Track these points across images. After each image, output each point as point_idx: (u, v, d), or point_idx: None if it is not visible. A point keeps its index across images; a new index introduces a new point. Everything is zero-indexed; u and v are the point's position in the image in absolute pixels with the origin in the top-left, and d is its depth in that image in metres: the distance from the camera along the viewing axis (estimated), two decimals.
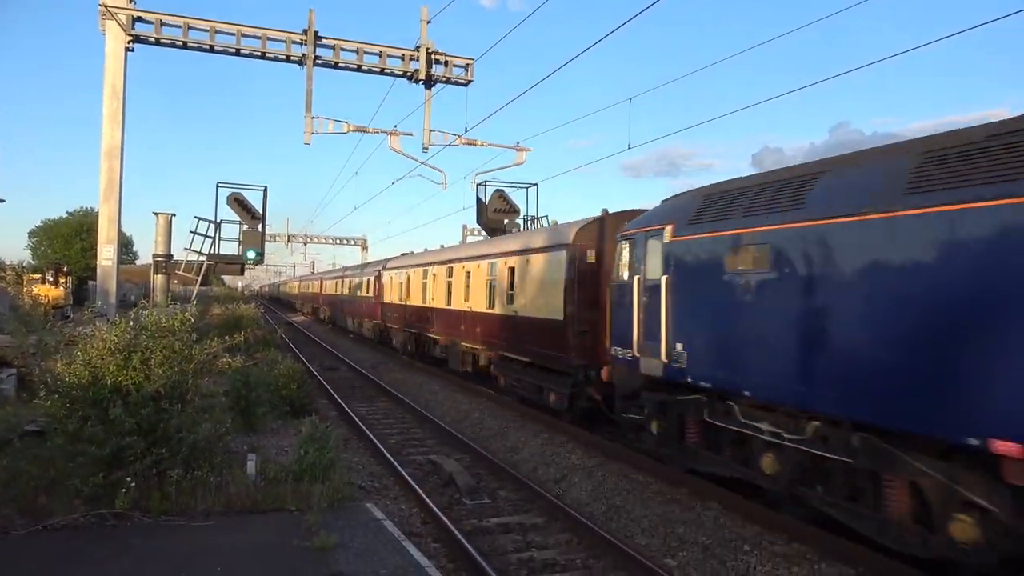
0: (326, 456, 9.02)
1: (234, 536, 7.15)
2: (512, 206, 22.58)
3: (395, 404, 17.86)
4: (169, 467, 7.76)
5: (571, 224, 15.07)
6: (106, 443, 7.40)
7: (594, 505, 9.64)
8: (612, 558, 7.62)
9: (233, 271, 23.70)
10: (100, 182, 17.74)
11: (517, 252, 16.80)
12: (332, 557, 6.67)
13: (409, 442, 13.52)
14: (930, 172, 6.54)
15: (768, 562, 7.50)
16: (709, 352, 9.21)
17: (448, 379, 21.13)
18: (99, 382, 7.91)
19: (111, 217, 17.75)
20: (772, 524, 8.42)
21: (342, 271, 48.27)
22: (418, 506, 9.27)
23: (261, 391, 13.14)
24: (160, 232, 19.05)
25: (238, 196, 19.81)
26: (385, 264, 32.51)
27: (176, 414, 7.97)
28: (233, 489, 8.12)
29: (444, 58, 20.79)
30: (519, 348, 16.17)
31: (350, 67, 20.14)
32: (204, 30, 18.59)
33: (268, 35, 19.02)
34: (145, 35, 18.18)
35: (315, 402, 16.09)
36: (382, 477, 10.75)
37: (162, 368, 8.25)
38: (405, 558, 6.79)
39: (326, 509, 7.94)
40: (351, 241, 69.51)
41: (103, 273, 17.84)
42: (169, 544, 6.82)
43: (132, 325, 8.67)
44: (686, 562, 7.68)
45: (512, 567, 7.44)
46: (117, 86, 17.71)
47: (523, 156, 23.34)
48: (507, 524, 8.81)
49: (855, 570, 7.18)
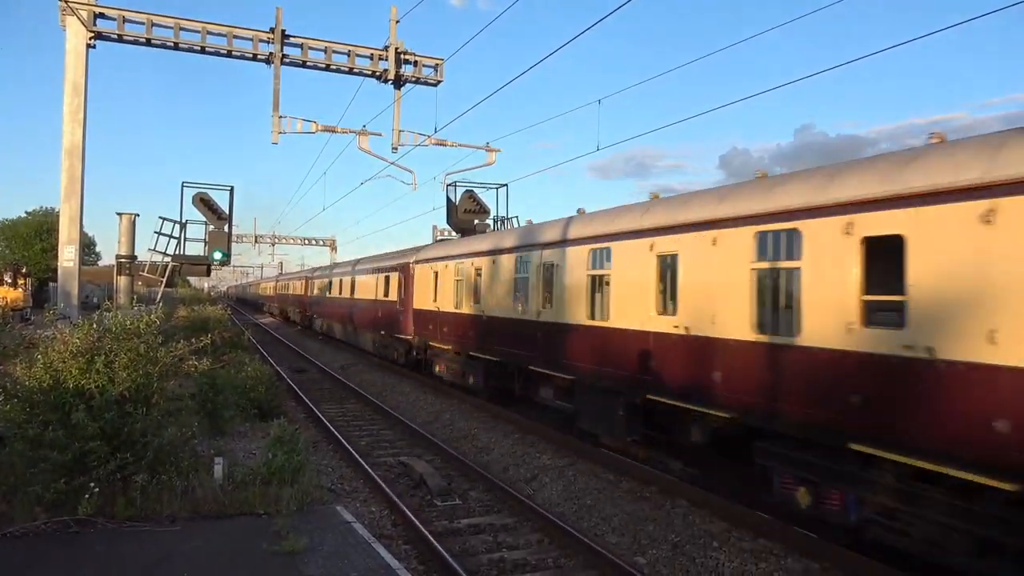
0: (295, 459, 8.94)
1: (201, 541, 7.05)
2: (482, 207, 22.55)
3: (365, 406, 17.74)
4: (134, 472, 7.63)
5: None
6: (68, 448, 7.26)
7: (565, 505, 9.69)
8: (583, 557, 7.67)
9: (199, 272, 23.35)
10: (61, 181, 17.39)
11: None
12: (301, 561, 6.62)
13: (379, 444, 13.45)
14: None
15: (736, 558, 7.61)
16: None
17: (419, 380, 21.04)
18: (61, 386, 7.74)
19: (72, 217, 17.40)
20: (739, 520, 8.55)
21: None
22: (388, 508, 9.23)
23: (228, 394, 12.96)
24: (123, 232, 18.71)
25: (204, 196, 19.53)
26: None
27: (141, 418, 7.83)
28: (200, 493, 8.01)
29: (413, 58, 20.74)
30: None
31: (318, 66, 20.00)
32: (168, 27, 18.32)
33: (234, 33, 18.80)
34: (107, 31, 17.87)
35: (284, 404, 15.93)
36: (352, 479, 10.68)
37: (126, 371, 8.10)
38: (376, 560, 6.76)
39: (295, 512, 7.88)
40: (320, 242, 68.88)
41: (64, 274, 17.47)
42: (134, 550, 6.70)
43: (95, 327, 8.51)
44: (656, 559, 7.76)
45: (483, 568, 7.44)
46: (78, 83, 17.36)
47: (493, 157, 23.35)
48: (478, 525, 8.82)
49: (819, 564, 7.32)
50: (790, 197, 7.95)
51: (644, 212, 10.78)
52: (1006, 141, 6.07)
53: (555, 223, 13.75)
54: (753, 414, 8.27)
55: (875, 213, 6.87)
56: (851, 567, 7.11)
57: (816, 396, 7.42)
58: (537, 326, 13.50)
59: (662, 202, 10.95)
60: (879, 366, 6.71)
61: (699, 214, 9.38)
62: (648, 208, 10.85)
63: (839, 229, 7.19)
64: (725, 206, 8.98)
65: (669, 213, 10.14)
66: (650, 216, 10.51)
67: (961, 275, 6.09)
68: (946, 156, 6.54)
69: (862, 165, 7.58)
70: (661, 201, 11.05)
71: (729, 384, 8.58)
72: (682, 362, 9.51)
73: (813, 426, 7.46)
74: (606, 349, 11.24)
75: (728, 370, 8.63)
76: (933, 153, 6.75)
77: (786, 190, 8.14)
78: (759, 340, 8.20)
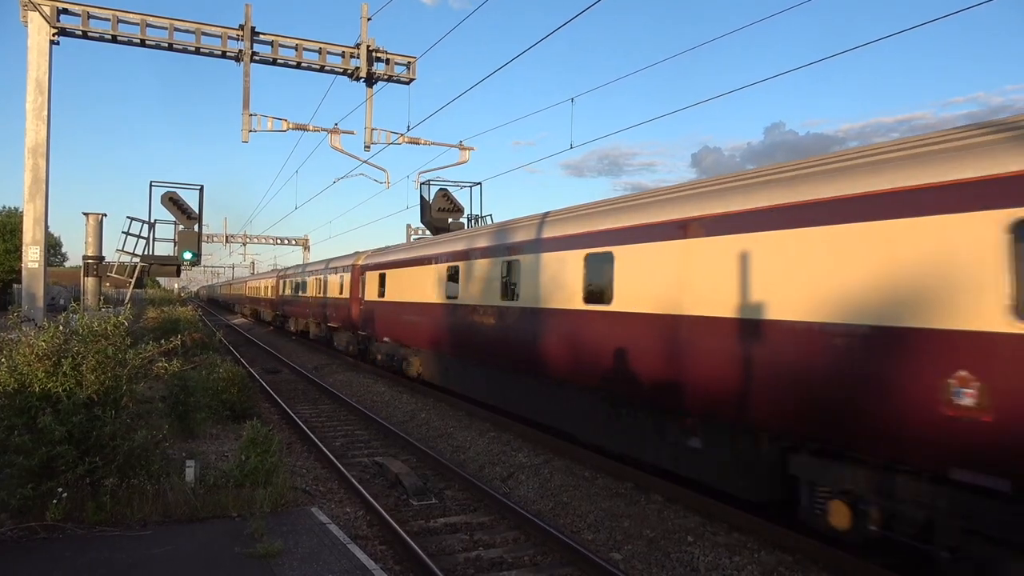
0: (269, 460, 8.85)
1: (173, 545, 6.95)
2: (456, 205, 22.50)
3: (339, 406, 17.62)
4: (103, 476, 7.51)
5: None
6: (35, 453, 7.11)
7: (541, 502, 9.72)
8: (559, 554, 7.70)
9: (168, 272, 23.00)
10: (24, 180, 16.99)
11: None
12: (276, 563, 6.56)
13: (354, 444, 13.37)
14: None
15: (711, 552, 7.69)
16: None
17: (394, 380, 20.95)
18: (26, 389, 7.58)
19: (37, 217, 17.02)
20: (713, 514, 8.65)
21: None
22: (364, 508, 9.18)
23: (200, 396, 12.79)
24: (91, 233, 18.36)
25: (173, 195, 19.21)
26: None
27: (110, 421, 7.69)
28: (171, 497, 7.90)
29: (385, 56, 20.61)
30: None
31: (289, 64, 19.79)
32: (134, 23, 18.00)
33: (202, 30, 18.53)
34: (71, 28, 17.50)
35: (257, 406, 15.75)
36: (327, 480, 10.60)
37: (95, 374, 7.95)
38: (351, 561, 6.72)
39: (269, 515, 7.79)
40: (292, 241, 68.20)
41: (29, 276, 17.08)
42: (104, 556, 6.59)
43: (62, 330, 8.34)
44: (632, 555, 7.81)
45: (459, 566, 7.43)
46: (42, 80, 16.98)
47: (466, 155, 23.30)
48: (454, 524, 8.80)
49: (792, 557, 7.43)
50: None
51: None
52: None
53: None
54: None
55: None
56: (823, 559, 7.23)
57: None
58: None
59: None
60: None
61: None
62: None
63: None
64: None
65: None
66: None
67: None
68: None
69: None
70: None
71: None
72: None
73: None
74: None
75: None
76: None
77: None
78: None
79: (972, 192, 5.74)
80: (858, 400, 6.47)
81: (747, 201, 7.90)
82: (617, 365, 9.83)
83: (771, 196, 7.62)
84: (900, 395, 6.12)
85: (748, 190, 8.01)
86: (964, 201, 5.79)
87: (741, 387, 7.74)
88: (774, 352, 7.38)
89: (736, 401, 7.82)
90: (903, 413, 6.09)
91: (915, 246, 6.09)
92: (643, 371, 9.37)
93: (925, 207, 6.06)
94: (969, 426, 5.57)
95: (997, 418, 5.40)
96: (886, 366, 6.25)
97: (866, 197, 6.56)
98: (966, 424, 5.59)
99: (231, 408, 14.18)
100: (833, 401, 6.72)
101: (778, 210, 7.46)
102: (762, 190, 7.82)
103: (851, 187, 6.74)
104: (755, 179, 8.11)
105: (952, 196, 5.87)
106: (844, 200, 6.77)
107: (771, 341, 7.41)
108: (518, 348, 12.80)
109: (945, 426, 5.74)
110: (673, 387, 8.76)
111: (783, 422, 7.40)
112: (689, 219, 8.71)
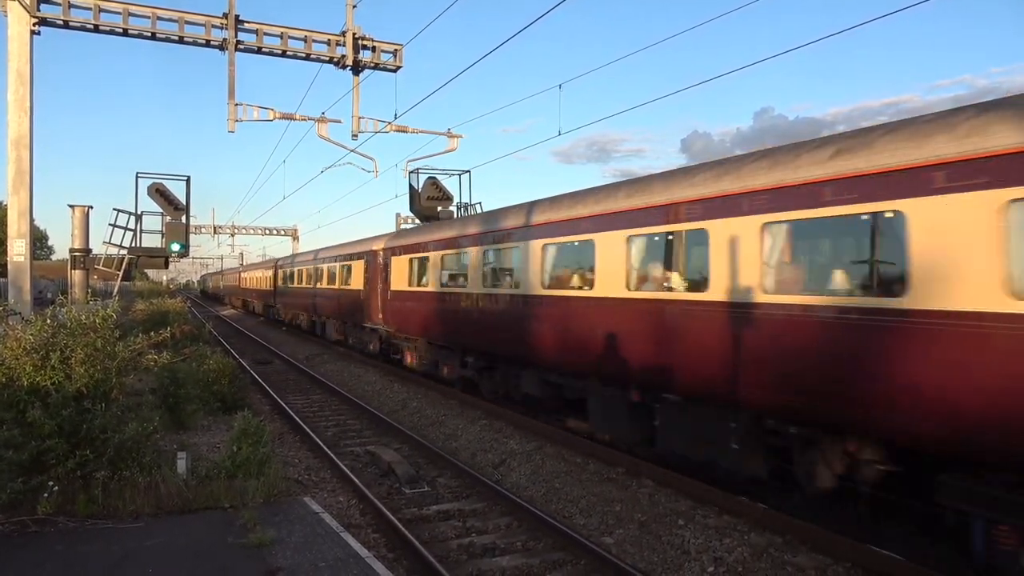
0: (260, 451, 8.84)
1: (165, 537, 6.95)
2: (445, 193, 22.43)
3: (331, 396, 17.62)
4: (94, 469, 7.49)
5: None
6: (25, 447, 7.09)
7: (533, 488, 9.77)
8: (552, 539, 7.76)
9: (156, 264, 22.87)
10: (8, 173, 16.80)
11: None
12: (269, 553, 6.57)
13: (346, 434, 13.38)
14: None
15: (701, 535, 7.77)
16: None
17: (385, 369, 20.96)
18: (14, 383, 7.56)
19: (22, 210, 16.84)
20: (703, 498, 8.72)
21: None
22: (357, 497, 9.21)
23: (190, 387, 12.76)
24: (77, 226, 18.22)
25: (160, 186, 19.07)
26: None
27: (100, 414, 7.67)
28: (163, 489, 7.88)
29: (372, 43, 20.44)
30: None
31: (274, 52, 19.59)
32: (117, 12, 17.74)
33: (186, 18, 18.30)
34: (52, 17, 17.24)
35: (248, 397, 15.73)
36: (319, 470, 10.61)
37: (84, 367, 7.93)
38: (345, 550, 6.74)
39: (262, 505, 7.81)
40: (281, 231, 67.82)
41: (15, 269, 16.92)
42: (96, 548, 6.59)
43: (50, 323, 8.29)
44: (623, 539, 7.88)
45: (453, 553, 7.48)
46: (23, 71, 16.75)
47: (455, 143, 23.21)
48: (447, 511, 8.85)
49: (782, 538, 7.51)
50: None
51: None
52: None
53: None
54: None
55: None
56: (812, 539, 7.31)
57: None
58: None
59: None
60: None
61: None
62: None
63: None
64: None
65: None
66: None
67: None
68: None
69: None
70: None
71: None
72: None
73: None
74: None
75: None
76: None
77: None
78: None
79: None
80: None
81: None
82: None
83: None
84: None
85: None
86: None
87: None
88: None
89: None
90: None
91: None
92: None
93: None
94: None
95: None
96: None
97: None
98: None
99: (222, 399, 14.15)
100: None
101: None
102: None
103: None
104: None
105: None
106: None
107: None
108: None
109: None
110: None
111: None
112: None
